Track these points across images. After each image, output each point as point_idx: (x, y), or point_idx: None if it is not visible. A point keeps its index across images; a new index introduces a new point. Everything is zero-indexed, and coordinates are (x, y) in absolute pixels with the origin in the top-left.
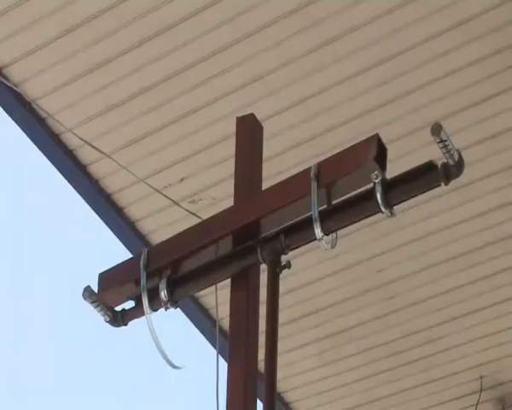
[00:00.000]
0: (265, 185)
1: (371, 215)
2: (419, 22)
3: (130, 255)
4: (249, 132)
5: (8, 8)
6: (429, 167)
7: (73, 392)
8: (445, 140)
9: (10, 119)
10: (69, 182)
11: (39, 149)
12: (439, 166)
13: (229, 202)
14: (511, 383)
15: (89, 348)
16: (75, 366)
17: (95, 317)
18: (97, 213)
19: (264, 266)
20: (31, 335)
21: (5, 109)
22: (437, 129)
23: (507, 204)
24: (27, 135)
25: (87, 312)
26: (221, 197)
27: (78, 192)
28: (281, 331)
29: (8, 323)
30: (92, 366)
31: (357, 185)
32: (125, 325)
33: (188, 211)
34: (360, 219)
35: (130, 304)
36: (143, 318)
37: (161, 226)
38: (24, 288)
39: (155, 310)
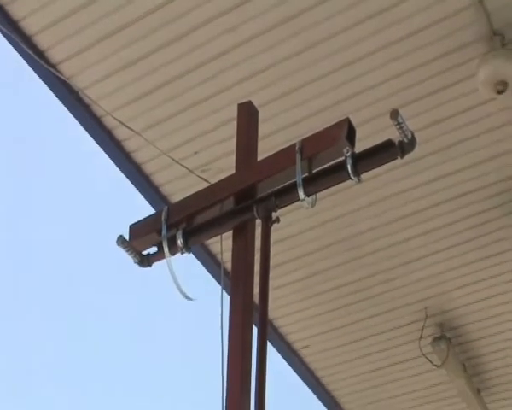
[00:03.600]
0: (260, 157)
1: (343, 181)
2: (378, 34)
3: (154, 211)
4: (248, 116)
5: (69, 11)
6: (388, 144)
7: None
8: (401, 123)
9: (63, 106)
10: (107, 155)
11: (84, 129)
12: (396, 143)
13: (232, 171)
14: (449, 311)
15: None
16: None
17: None
18: (129, 179)
19: (259, 221)
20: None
21: (58, 98)
22: (395, 114)
23: (442, 177)
24: (75, 117)
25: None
26: (226, 167)
27: (115, 163)
28: (271, 273)
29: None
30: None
31: (332, 158)
32: (150, 265)
33: (200, 177)
34: (334, 185)
35: (153, 249)
36: (164, 260)
37: (179, 189)
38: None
39: (173, 254)
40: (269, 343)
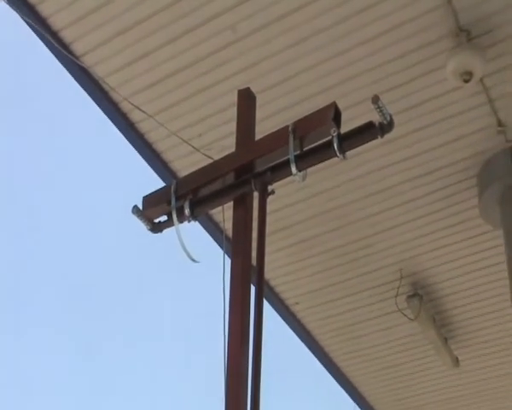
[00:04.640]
0: (257, 137)
1: (330, 158)
2: (361, 30)
3: (164, 185)
4: (247, 101)
5: (91, 9)
6: (370, 125)
7: None
8: (381, 107)
9: (85, 92)
10: (123, 135)
11: (103, 112)
12: (377, 125)
13: (232, 149)
14: (421, 272)
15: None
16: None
17: None
18: (142, 157)
19: (256, 194)
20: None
21: (80, 85)
22: (376, 99)
23: (415, 155)
24: (95, 102)
25: None
26: (227, 146)
27: (129, 142)
28: (266, 239)
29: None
30: None
31: (321, 137)
32: (161, 232)
33: (204, 155)
34: (323, 161)
35: (164, 218)
36: (173, 227)
37: (186, 165)
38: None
39: (181, 222)
40: (265, 300)
